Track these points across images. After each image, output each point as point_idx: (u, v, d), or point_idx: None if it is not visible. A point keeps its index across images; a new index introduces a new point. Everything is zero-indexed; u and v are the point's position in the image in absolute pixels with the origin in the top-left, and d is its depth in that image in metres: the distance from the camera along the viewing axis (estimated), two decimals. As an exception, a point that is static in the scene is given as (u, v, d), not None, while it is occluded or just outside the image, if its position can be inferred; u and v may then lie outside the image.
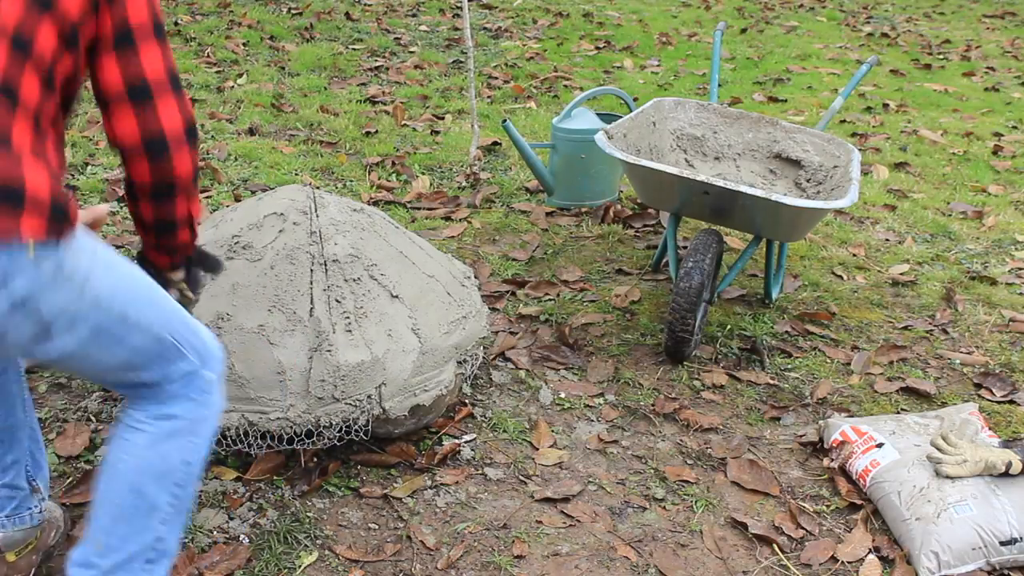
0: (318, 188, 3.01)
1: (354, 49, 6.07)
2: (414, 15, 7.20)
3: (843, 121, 5.30)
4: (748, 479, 2.40)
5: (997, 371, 2.93)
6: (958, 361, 2.98)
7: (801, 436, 2.58)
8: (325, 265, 2.31)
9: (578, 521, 2.24)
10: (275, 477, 2.29)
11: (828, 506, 2.34)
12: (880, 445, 2.36)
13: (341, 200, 2.53)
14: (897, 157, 4.76)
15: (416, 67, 5.81)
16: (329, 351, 2.20)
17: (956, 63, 6.87)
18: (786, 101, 5.60)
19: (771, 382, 2.82)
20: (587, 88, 5.52)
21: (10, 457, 1.87)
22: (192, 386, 1.65)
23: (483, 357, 2.68)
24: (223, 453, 2.30)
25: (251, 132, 4.50)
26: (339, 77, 5.48)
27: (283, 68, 5.55)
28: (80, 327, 1.47)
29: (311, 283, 2.28)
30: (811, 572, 2.14)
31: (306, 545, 2.11)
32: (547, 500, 2.30)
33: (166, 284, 1.80)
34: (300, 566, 2.05)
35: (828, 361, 2.94)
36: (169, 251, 1.76)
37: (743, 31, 7.45)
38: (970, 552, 2.11)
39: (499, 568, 2.08)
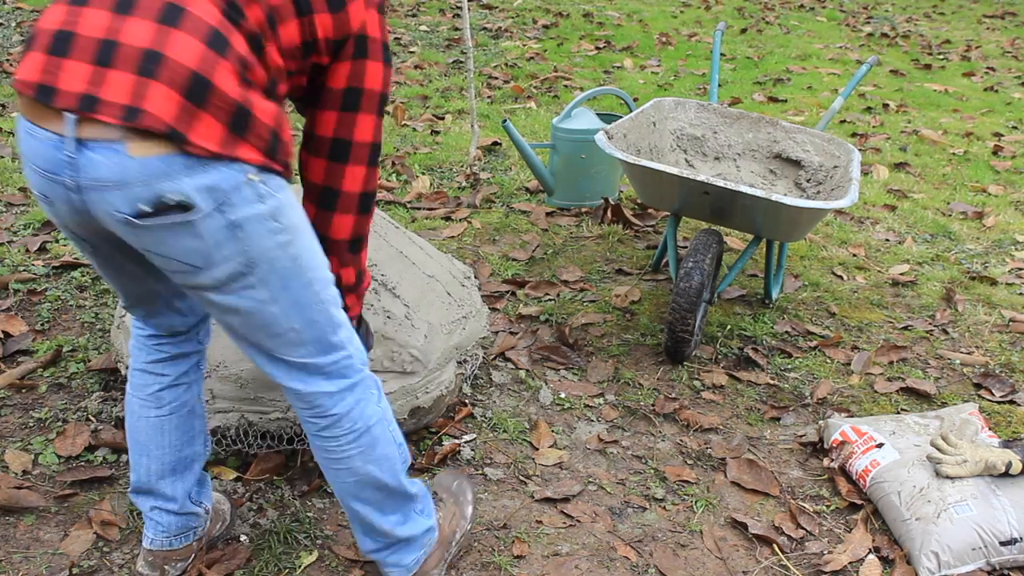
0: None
1: (354, 49, 6.06)
2: (414, 15, 7.20)
3: (843, 121, 5.30)
4: (748, 479, 2.40)
5: (997, 371, 2.93)
6: (958, 361, 2.98)
7: (801, 436, 2.58)
8: (325, 265, 2.31)
9: (578, 521, 2.23)
10: (275, 477, 2.29)
11: (828, 506, 2.34)
12: (880, 445, 2.36)
13: (341, 200, 2.53)
14: (897, 157, 4.76)
15: (416, 67, 5.81)
16: (329, 351, 2.20)
17: (956, 63, 6.87)
18: (786, 101, 5.60)
19: (771, 382, 2.82)
20: (587, 88, 5.52)
21: (181, 487, 1.89)
22: (348, 370, 1.67)
23: (483, 357, 2.68)
24: (223, 453, 2.30)
25: (251, 132, 4.50)
26: (339, 77, 5.47)
27: (283, 68, 5.55)
28: (273, 279, 1.49)
29: (311, 283, 2.28)
30: (811, 572, 2.14)
31: (306, 545, 2.10)
32: (547, 500, 2.30)
33: None
34: (300, 566, 2.05)
35: (828, 361, 2.94)
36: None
37: (743, 31, 7.45)
38: (970, 552, 2.11)
39: (499, 568, 2.08)
